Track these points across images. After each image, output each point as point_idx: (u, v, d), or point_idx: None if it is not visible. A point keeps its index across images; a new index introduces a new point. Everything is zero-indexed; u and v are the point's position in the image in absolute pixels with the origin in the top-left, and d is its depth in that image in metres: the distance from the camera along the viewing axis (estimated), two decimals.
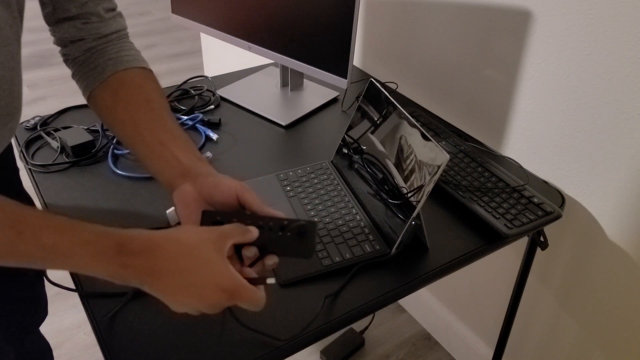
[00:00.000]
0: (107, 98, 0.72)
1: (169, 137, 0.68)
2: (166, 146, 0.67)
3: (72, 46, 0.74)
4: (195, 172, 0.66)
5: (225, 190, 0.64)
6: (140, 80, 0.73)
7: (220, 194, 0.64)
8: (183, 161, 0.67)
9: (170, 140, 0.68)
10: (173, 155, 0.67)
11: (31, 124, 1.16)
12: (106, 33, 0.74)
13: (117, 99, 0.71)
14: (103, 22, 0.73)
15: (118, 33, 0.76)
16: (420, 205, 0.78)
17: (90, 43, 0.74)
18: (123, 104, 0.71)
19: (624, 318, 1.05)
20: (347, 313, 0.75)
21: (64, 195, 0.96)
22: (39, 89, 3.05)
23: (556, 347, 1.22)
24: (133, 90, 0.72)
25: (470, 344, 1.48)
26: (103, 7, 0.73)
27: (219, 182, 0.64)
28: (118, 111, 0.71)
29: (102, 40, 0.74)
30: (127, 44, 0.76)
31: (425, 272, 0.83)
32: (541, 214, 0.93)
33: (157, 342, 0.70)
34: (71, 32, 0.73)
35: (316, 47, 1.14)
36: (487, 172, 1.03)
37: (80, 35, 0.73)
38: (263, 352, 0.69)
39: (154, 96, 0.72)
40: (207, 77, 1.40)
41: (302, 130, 1.21)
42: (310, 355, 1.54)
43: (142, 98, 0.71)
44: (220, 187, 0.64)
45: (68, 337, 1.56)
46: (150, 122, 0.69)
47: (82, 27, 0.72)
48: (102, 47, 0.74)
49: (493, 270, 1.33)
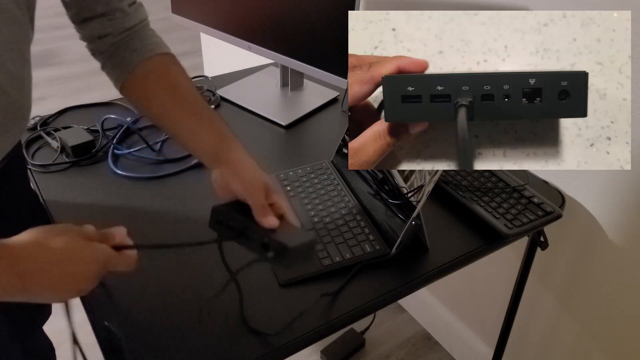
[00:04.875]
0: (137, 89, 0.76)
1: (195, 123, 0.72)
2: (195, 133, 0.71)
3: (98, 42, 0.77)
4: (220, 158, 0.70)
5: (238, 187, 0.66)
6: (164, 67, 0.76)
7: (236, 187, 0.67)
8: (210, 148, 0.71)
9: (197, 126, 0.72)
10: (202, 142, 0.71)
11: (31, 124, 1.16)
12: (130, 26, 0.76)
13: (146, 89, 0.75)
14: (127, 17, 0.76)
15: (141, 24, 0.78)
16: (420, 205, 0.78)
17: (116, 37, 0.76)
18: (152, 93, 0.74)
19: (624, 318, 1.05)
20: (347, 313, 0.75)
21: (64, 195, 0.96)
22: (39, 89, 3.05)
23: (556, 347, 1.22)
24: (159, 78, 0.75)
25: (470, 344, 1.48)
26: (126, 2, 0.76)
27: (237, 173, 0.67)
28: (149, 101, 0.75)
29: (126, 33, 0.76)
30: (149, 32, 0.79)
31: (425, 272, 0.83)
32: (541, 214, 0.93)
33: (158, 342, 0.70)
34: (97, 30, 0.75)
35: (316, 47, 1.14)
36: (487, 172, 1.03)
37: (106, 31, 0.75)
38: (263, 352, 0.69)
39: (179, 79, 0.75)
40: (207, 77, 1.40)
41: (302, 130, 1.20)
42: (310, 355, 1.54)
43: (168, 84, 0.74)
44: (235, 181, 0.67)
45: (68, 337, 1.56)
46: (178, 109, 0.73)
47: (108, 23, 0.75)
48: (127, 40, 0.76)
49: (493, 270, 1.33)
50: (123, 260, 0.58)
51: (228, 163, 0.69)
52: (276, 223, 0.63)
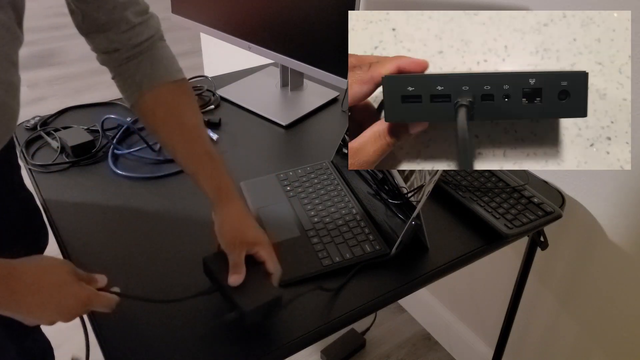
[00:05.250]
0: (146, 117, 0.78)
1: (199, 166, 0.75)
2: (197, 177, 0.75)
3: (106, 56, 0.77)
4: (214, 208, 0.75)
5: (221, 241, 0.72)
6: (174, 101, 0.77)
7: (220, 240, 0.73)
8: (209, 194, 0.75)
9: (200, 170, 0.75)
10: (202, 187, 0.75)
11: (31, 124, 1.16)
12: (138, 42, 0.76)
13: (155, 120, 0.77)
14: (133, 30, 0.75)
15: (150, 40, 0.77)
16: (420, 205, 0.78)
17: (124, 54, 0.76)
18: (161, 127, 0.76)
19: (624, 318, 1.05)
20: (347, 313, 0.75)
21: (64, 195, 0.96)
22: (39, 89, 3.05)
23: (556, 347, 1.22)
24: (168, 113, 0.76)
25: (470, 344, 1.48)
26: (132, 12, 0.74)
27: (221, 228, 0.73)
28: (158, 133, 0.77)
29: (136, 49, 0.76)
30: (160, 52, 0.78)
31: (425, 272, 0.83)
32: (541, 214, 0.93)
33: (157, 342, 0.70)
34: (104, 44, 0.75)
35: (316, 47, 1.14)
36: (487, 172, 1.03)
37: (113, 46, 0.75)
38: (263, 352, 0.69)
39: (186, 117, 0.77)
40: (207, 77, 1.40)
41: (302, 130, 1.21)
42: (310, 355, 1.54)
43: (176, 122, 0.76)
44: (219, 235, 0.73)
45: (68, 337, 1.56)
46: (184, 148, 0.76)
47: (114, 37, 0.74)
48: (137, 60, 0.76)
49: (493, 270, 1.33)
50: (104, 302, 0.64)
51: (217, 215, 0.74)
52: (237, 282, 0.68)
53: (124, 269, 0.81)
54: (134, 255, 0.83)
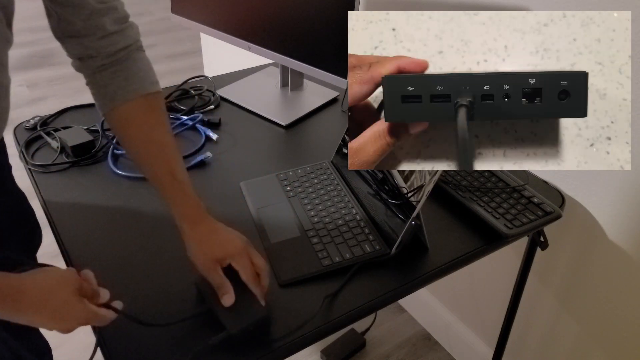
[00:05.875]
0: (117, 130, 0.78)
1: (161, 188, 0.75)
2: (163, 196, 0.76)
3: (80, 63, 0.76)
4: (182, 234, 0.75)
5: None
6: (144, 115, 0.77)
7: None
8: (175, 217, 0.75)
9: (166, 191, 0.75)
10: (170, 208, 0.76)
11: (31, 124, 1.16)
12: (113, 51, 0.75)
13: (124, 135, 0.77)
14: (109, 38, 0.74)
15: (127, 49, 0.76)
16: (420, 205, 0.78)
17: (99, 62, 0.75)
18: (128, 142, 0.77)
19: (624, 318, 1.05)
20: (347, 313, 0.75)
21: (64, 195, 0.96)
22: (39, 89, 3.05)
23: (556, 347, 1.22)
24: (137, 129, 0.76)
25: (470, 344, 1.48)
26: (110, 19, 0.73)
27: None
28: (126, 148, 0.78)
29: (111, 58, 0.75)
30: (137, 65, 0.77)
31: (425, 272, 0.83)
32: (541, 214, 0.93)
33: (157, 343, 0.70)
34: (79, 50, 0.74)
35: (316, 47, 1.14)
36: (487, 172, 1.03)
37: (87, 53, 0.74)
38: (263, 352, 0.69)
39: (154, 135, 0.76)
40: (207, 77, 1.40)
41: (302, 130, 1.20)
42: (310, 355, 1.54)
43: (143, 139, 0.76)
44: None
45: (68, 337, 1.56)
46: (148, 167, 0.76)
47: (89, 44, 0.73)
48: (110, 69, 0.75)
49: (493, 270, 1.33)
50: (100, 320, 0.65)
51: (186, 242, 0.74)
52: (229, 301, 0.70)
53: (124, 269, 0.81)
54: (134, 255, 0.83)
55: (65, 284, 0.62)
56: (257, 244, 0.86)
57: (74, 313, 0.62)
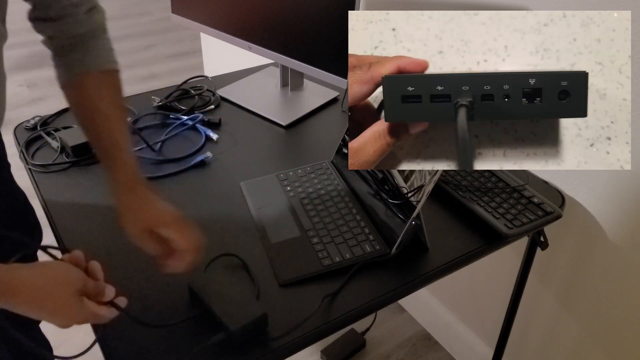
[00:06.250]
0: (69, 99, 0.78)
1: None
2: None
3: (48, 40, 0.78)
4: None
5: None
6: (96, 89, 0.77)
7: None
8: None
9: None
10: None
11: (31, 124, 1.16)
12: (78, 33, 0.77)
13: (75, 104, 0.77)
14: (78, 23, 0.76)
15: (91, 32, 0.78)
16: (420, 205, 0.78)
17: (64, 41, 0.77)
18: (78, 110, 0.77)
19: (624, 318, 1.05)
20: (347, 313, 0.75)
21: (64, 195, 0.96)
22: (39, 89, 3.06)
23: (556, 347, 1.22)
24: (87, 99, 0.76)
25: (470, 344, 1.48)
26: (83, 8, 0.76)
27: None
28: (75, 116, 0.78)
29: (76, 38, 0.77)
30: (99, 43, 0.79)
31: (425, 272, 0.83)
32: (541, 214, 0.93)
33: (156, 343, 0.70)
34: (47, 32, 0.77)
35: (316, 47, 1.14)
36: (487, 172, 1.03)
37: (55, 34, 0.77)
38: (263, 352, 0.69)
39: (102, 104, 0.76)
40: (207, 77, 1.40)
41: (302, 130, 1.21)
42: (310, 355, 1.54)
43: (92, 108, 0.76)
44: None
45: (68, 337, 1.56)
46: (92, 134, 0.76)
47: (58, 27, 0.76)
48: (73, 46, 0.77)
49: (493, 270, 1.33)
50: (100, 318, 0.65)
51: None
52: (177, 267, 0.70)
53: (124, 269, 0.81)
54: (134, 255, 0.83)
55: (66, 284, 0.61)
56: (257, 244, 0.86)
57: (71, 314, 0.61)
